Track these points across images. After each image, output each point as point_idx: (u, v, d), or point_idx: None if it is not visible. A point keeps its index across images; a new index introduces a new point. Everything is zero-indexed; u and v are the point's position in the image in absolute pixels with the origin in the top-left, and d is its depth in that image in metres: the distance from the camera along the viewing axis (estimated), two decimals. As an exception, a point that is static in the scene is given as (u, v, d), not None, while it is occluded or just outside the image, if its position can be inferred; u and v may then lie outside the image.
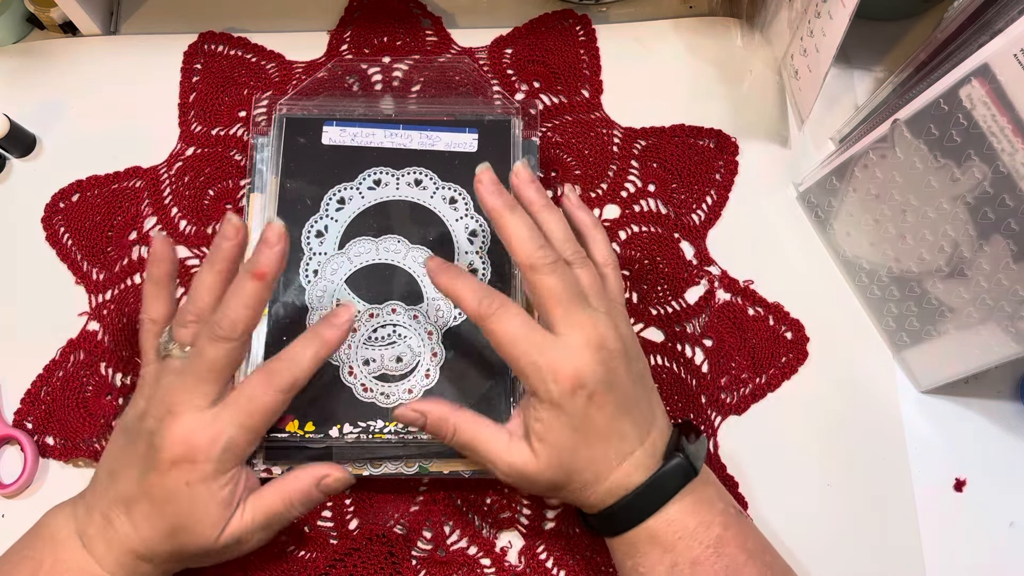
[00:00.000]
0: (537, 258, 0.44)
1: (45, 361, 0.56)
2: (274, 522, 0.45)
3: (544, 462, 0.43)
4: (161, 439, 0.42)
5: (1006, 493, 0.54)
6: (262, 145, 0.58)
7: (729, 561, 0.43)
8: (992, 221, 0.46)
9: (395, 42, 0.65)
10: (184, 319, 0.45)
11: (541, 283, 0.44)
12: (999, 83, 0.42)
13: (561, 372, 0.42)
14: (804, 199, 0.60)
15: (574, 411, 0.43)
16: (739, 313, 0.57)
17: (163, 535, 0.43)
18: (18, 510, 0.53)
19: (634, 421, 0.44)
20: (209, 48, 0.64)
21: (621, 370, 0.44)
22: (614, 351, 0.44)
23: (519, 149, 0.57)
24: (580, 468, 0.44)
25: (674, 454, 0.44)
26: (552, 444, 0.43)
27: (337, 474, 0.45)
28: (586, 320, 0.44)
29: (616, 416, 0.44)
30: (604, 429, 0.43)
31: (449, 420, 0.45)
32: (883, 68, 0.65)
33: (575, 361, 0.43)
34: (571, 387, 0.42)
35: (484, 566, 0.52)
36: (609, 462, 0.44)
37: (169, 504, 0.42)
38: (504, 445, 0.44)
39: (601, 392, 0.43)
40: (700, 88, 0.64)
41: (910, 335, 0.55)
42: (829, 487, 0.54)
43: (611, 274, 0.49)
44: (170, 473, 0.42)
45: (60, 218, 0.59)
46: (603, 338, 0.44)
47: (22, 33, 0.66)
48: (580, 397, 0.43)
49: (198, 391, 0.43)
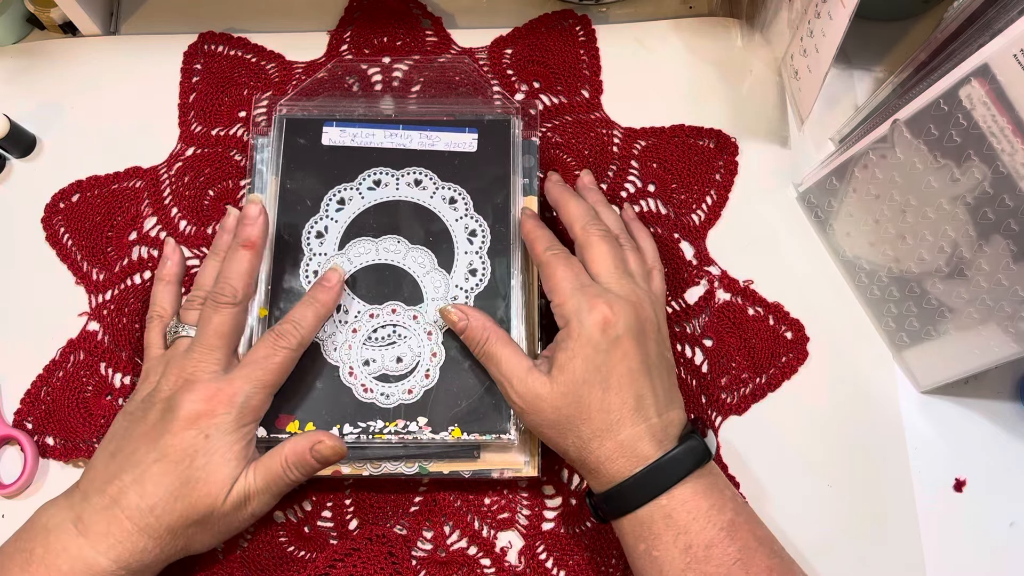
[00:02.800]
0: (590, 223, 0.50)
1: (45, 361, 0.56)
2: (273, 484, 0.46)
3: (560, 389, 0.45)
4: (180, 400, 0.45)
5: (1006, 493, 0.54)
6: (262, 145, 0.58)
7: (742, 544, 0.43)
8: (992, 221, 0.46)
9: (395, 42, 0.65)
10: (192, 303, 0.51)
11: (593, 243, 0.49)
12: (999, 83, 0.42)
13: (597, 308, 0.46)
14: (804, 199, 0.60)
15: (599, 348, 0.45)
16: (739, 313, 0.57)
17: (173, 496, 0.43)
18: (18, 510, 0.53)
19: (654, 389, 0.46)
20: (209, 48, 0.64)
21: (652, 335, 0.47)
22: (648, 318, 0.48)
23: (519, 149, 0.57)
24: (592, 410, 0.45)
25: (690, 435, 0.46)
26: (571, 373, 0.45)
27: (329, 441, 0.46)
28: (629, 283, 0.48)
29: (638, 372, 0.45)
30: (624, 379, 0.45)
31: (486, 330, 0.49)
32: (883, 68, 0.65)
33: (612, 304, 0.46)
34: (602, 321, 0.45)
35: (484, 566, 0.52)
36: (623, 417, 0.44)
37: (183, 460, 0.44)
38: (525, 368, 0.47)
39: (629, 339, 0.45)
40: (700, 88, 0.64)
41: (910, 335, 0.55)
42: (829, 487, 0.54)
43: (657, 275, 0.53)
44: (188, 431, 0.44)
45: (60, 218, 0.59)
46: (641, 302, 0.48)
47: (22, 33, 0.66)
48: (609, 335, 0.45)
49: (210, 358, 0.47)
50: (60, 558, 0.42)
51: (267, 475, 0.46)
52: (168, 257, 0.55)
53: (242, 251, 0.49)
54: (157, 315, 0.52)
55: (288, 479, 0.46)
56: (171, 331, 0.50)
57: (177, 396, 0.45)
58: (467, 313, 0.50)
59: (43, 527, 0.44)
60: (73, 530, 0.43)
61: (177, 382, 0.46)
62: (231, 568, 0.51)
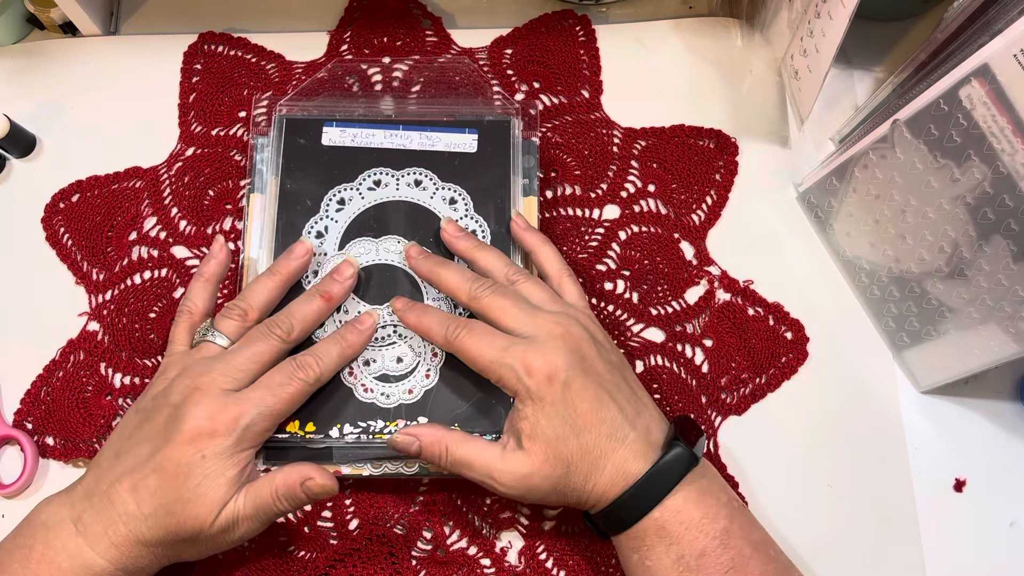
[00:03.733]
0: (474, 288, 0.48)
1: (45, 361, 0.56)
2: (262, 513, 0.45)
3: (539, 458, 0.44)
4: (186, 411, 0.44)
5: (1006, 493, 0.54)
6: (262, 145, 0.58)
7: (735, 553, 0.43)
8: (992, 221, 0.46)
9: (395, 42, 0.65)
10: (231, 312, 0.49)
11: (488, 305, 0.47)
12: (999, 83, 0.42)
13: (532, 364, 0.44)
14: (804, 199, 0.60)
15: (555, 400, 0.44)
16: (739, 313, 0.57)
17: (165, 510, 0.43)
18: (18, 510, 0.53)
19: (619, 405, 0.45)
20: (209, 48, 0.64)
21: (592, 355, 0.46)
22: (580, 338, 0.46)
23: (519, 149, 0.57)
24: (576, 458, 0.44)
25: (673, 443, 0.45)
26: (541, 437, 0.44)
27: (321, 480, 0.45)
28: (545, 318, 0.47)
29: (598, 401, 0.45)
30: (589, 415, 0.44)
31: (441, 441, 0.46)
32: (883, 68, 0.65)
33: (544, 352, 0.45)
34: (545, 376, 0.44)
35: (484, 566, 0.52)
36: (603, 448, 0.44)
37: (179, 476, 0.43)
38: (499, 457, 0.45)
39: (577, 378, 0.44)
40: (700, 88, 0.64)
41: (910, 335, 0.55)
42: (829, 487, 0.54)
43: (567, 283, 0.51)
44: (187, 446, 0.44)
45: (60, 218, 0.59)
46: (566, 329, 0.46)
47: (22, 33, 0.66)
48: (556, 385, 0.44)
49: (229, 375, 0.46)
50: (60, 556, 0.43)
51: (257, 503, 0.45)
52: (214, 256, 0.53)
53: (319, 300, 0.50)
54: (188, 311, 0.51)
55: (277, 509, 0.45)
56: (201, 332, 0.49)
57: (184, 405, 0.45)
58: (415, 433, 0.47)
59: (43, 524, 0.44)
60: (73, 529, 0.43)
61: (188, 389, 0.45)
62: (231, 568, 0.51)
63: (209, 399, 0.45)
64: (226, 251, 0.53)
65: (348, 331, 0.50)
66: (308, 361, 0.47)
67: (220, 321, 0.49)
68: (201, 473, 0.43)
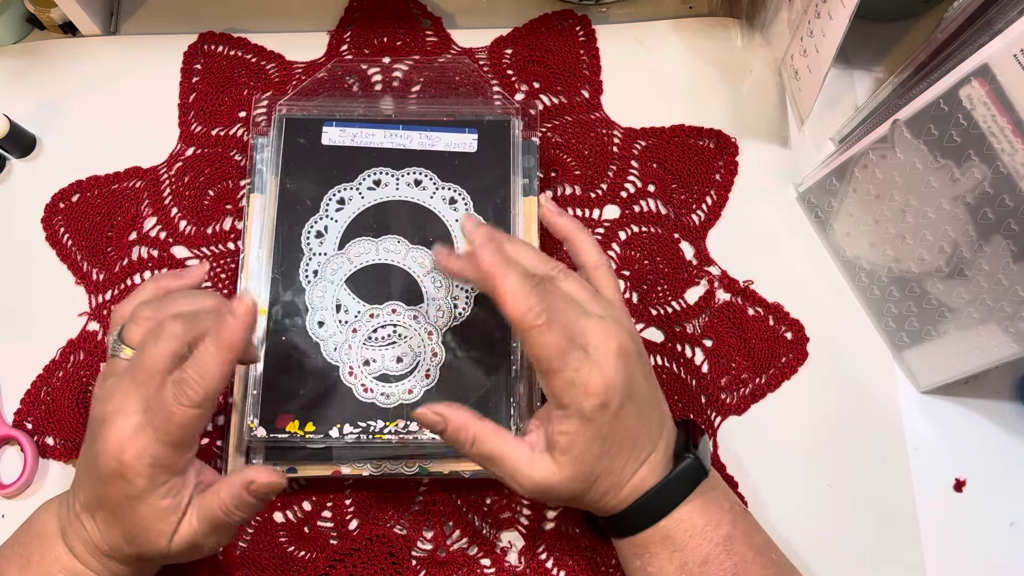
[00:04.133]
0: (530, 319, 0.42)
1: (45, 361, 0.56)
2: (219, 527, 0.43)
3: (567, 474, 0.43)
4: (100, 451, 0.41)
5: (1006, 493, 0.54)
6: (262, 145, 0.58)
7: (738, 559, 0.43)
8: (992, 221, 0.46)
9: (395, 42, 0.65)
10: (137, 320, 0.44)
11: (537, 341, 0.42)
12: (999, 83, 0.42)
13: (591, 386, 0.42)
14: (804, 199, 0.60)
15: (601, 423, 0.42)
16: (739, 313, 0.57)
17: (122, 541, 0.43)
18: (18, 510, 0.53)
19: (649, 425, 0.44)
20: (209, 48, 0.64)
21: (639, 374, 0.44)
22: (632, 354, 0.44)
23: (519, 149, 0.57)
24: (601, 477, 0.43)
25: (684, 455, 0.45)
26: (576, 456, 0.43)
27: (263, 478, 0.42)
28: (596, 326, 0.43)
29: (636, 424, 0.44)
30: (626, 438, 0.43)
31: (469, 429, 0.44)
32: (883, 68, 0.65)
33: (604, 374, 0.42)
34: (602, 402, 0.42)
35: (484, 566, 0.52)
36: (628, 468, 0.44)
37: (118, 513, 0.42)
38: (526, 459, 0.43)
39: (625, 403, 0.43)
40: (700, 88, 0.64)
41: (910, 335, 0.55)
42: (829, 487, 0.54)
43: (604, 276, 0.48)
44: (112, 486, 0.41)
45: (60, 218, 0.59)
46: (621, 343, 0.43)
47: (22, 33, 0.66)
48: (609, 412, 0.42)
49: (132, 395, 0.42)
50: (54, 567, 0.43)
51: (210, 520, 0.42)
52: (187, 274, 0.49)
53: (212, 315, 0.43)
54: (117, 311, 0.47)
55: (232, 520, 0.43)
56: (113, 345, 0.45)
57: (99, 441, 0.41)
58: (444, 414, 0.44)
59: (39, 534, 0.44)
60: (62, 542, 0.44)
61: (100, 418, 0.42)
62: (231, 568, 0.51)
63: (113, 432, 0.41)
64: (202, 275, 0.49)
65: (224, 327, 0.41)
66: (188, 381, 0.41)
67: (128, 332, 0.44)
68: (135, 513, 0.42)
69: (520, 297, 0.42)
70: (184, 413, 0.41)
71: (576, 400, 0.42)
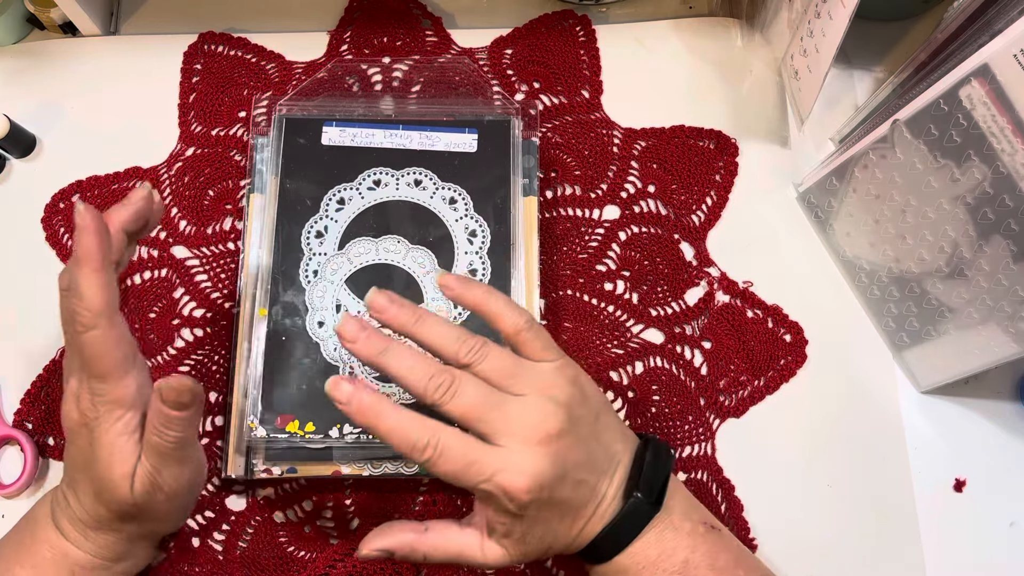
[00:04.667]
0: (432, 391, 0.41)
1: (45, 361, 0.56)
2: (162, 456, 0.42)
3: (519, 552, 0.43)
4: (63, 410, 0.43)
5: (1006, 493, 0.54)
6: (262, 145, 0.58)
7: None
8: (992, 221, 0.46)
9: (395, 42, 0.65)
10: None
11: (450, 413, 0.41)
12: (999, 83, 0.42)
13: (513, 490, 0.40)
14: (804, 199, 0.60)
15: (535, 512, 0.41)
16: (738, 315, 0.57)
17: (95, 500, 0.43)
18: (18, 510, 0.53)
19: (599, 473, 0.43)
20: (209, 48, 0.64)
21: (570, 441, 0.42)
22: (559, 421, 0.41)
23: (519, 149, 0.57)
24: (554, 541, 0.43)
25: (631, 494, 0.43)
26: (519, 540, 0.43)
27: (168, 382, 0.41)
28: (515, 416, 0.41)
29: (576, 488, 0.42)
30: (567, 510, 0.42)
31: (418, 549, 0.43)
32: (883, 68, 0.65)
33: (525, 472, 0.40)
34: (528, 500, 0.40)
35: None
36: (576, 527, 0.43)
37: (86, 468, 0.43)
38: (478, 549, 0.43)
39: (556, 484, 0.41)
40: (700, 89, 0.64)
41: (910, 335, 0.55)
42: (829, 488, 0.54)
43: (529, 336, 0.44)
44: (77, 440, 0.43)
45: (60, 218, 0.59)
46: (542, 424, 0.41)
47: (22, 33, 0.66)
48: (540, 500, 0.41)
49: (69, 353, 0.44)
50: (43, 547, 0.44)
51: (151, 451, 0.42)
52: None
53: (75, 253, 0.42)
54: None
55: (167, 443, 0.42)
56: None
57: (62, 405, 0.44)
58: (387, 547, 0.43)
59: (33, 517, 0.46)
60: (51, 523, 0.45)
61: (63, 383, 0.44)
62: (231, 568, 0.51)
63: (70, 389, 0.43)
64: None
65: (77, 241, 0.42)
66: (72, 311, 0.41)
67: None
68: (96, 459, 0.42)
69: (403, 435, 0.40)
70: (86, 339, 0.41)
71: (502, 506, 0.41)
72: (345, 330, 0.42)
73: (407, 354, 0.42)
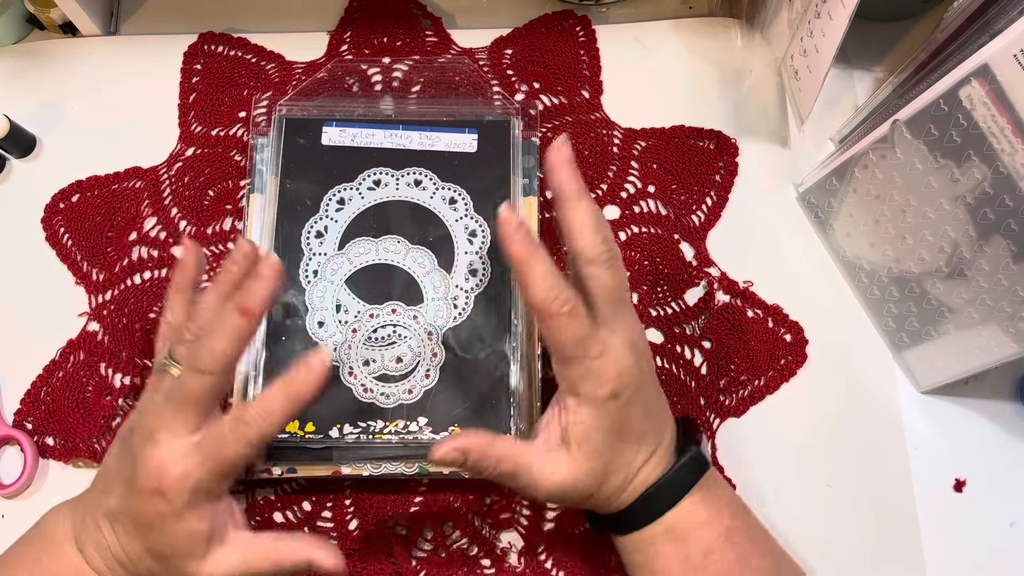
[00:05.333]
0: (602, 251, 0.43)
1: (45, 361, 0.56)
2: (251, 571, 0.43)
3: (584, 468, 0.43)
4: (140, 464, 0.41)
5: (1006, 493, 0.54)
6: (262, 146, 0.58)
7: (740, 551, 0.43)
8: (992, 221, 0.46)
9: (395, 42, 0.65)
10: (183, 336, 0.43)
11: (598, 277, 0.43)
12: (999, 83, 0.42)
13: (606, 374, 0.42)
14: (804, 199, 0.60)
15: (614, 413, 0.43)
16: (738, 315, 0.57)
17: (144, 554, 0.42)
18: (18, 510, 0.53)
19: (655, 420, 0.45)
20: (209, 48, 0.64)
21: (647, 368, 0.45)
22: (642, 349, 0.45)
23: (519, 150, 0.57)
24: (614, 472, 0.44)
25: (687, 448, 0.45)
26: (591, 447, 0.43)
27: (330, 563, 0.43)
28: (625, 319, 0.44)
29: (643, 417, 0.44)
30: (635, 430, 0.44)
31: (490, 453, 0.43)
32: (883, 68, 0.65)
33: (619, 363, 0.43)
34: (614, 389, 0.43)
35: (484, 566, 0.52)
36: (637, 461, 0.44)
37: (146, 530, 0.42)
38: (543, 462, 0.43)
39: (635, 394, 0.43)
40: (700, 89, 0.64)
41: (910, 335, 0.55)
42: (829, 488, 0.54)
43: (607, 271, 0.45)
44: (147, 501, 0.41)
45: (60, 218, 0.59)
46: (635, 336, 0.44)
47: (22, 33, 0.66)
48: (620, 401, 0.43)
49: (179, 419, 0.41)
50: (64, 569, 0.43)
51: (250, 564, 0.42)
52: (185, 263, 0.49)
53: (236, 317, 0.41)
54: (166, 322, 0.48)
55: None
56: (161, 362, 0.44)
57: (141, 456, 0.41)
58: (464, 447, 0.43)
59: (50, 537, 0.44)
60: (74, 547, 0.43)
61: (145, 433, 0.42)
62: (231, 568, 0.51)
63: (158, 450, 0.41)
64: (195, 256, 0.49)
65: (295, 379, 0.42)
66: (250, 420, 0.41)
67: (176, 348, 0.43)
68: (162, 531, 0.41)
69: (544, 285, 0.42)
70: (238, 451, 0.41)
71: (590, 389, 0.43)
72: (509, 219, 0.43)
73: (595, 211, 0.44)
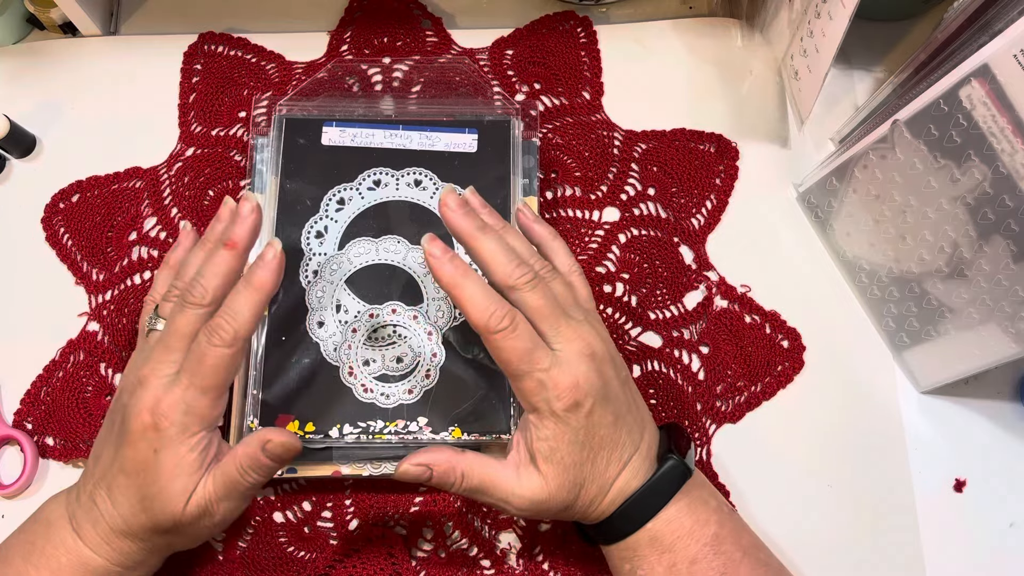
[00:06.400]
0: (517, 277, 0.44)
1: (45, 361, 0.56)
2: (233, 491, 0.43)
3: (555, 483, 0.43)
4: (131, 409, 0.43)
5: (1006, 493, 0.54)
6: (262, 146, 0.58)
7: (726, 559, 0.43)
8: (992, 221, 0.46)
9: (395, 43, 0.65)
10: (170, 295, 0.47)
11: (524, 301, 0.44)
12: (999, 83, 0.42)
13: (561, 386, 0.42)
14: (804, 200, 0.60)
15: (577, 425, 0.43)
16: (736, 320, 0.57)
17: (137, 507, 0.43)
18: (18, 510, 0.53)
19: (629, 427, 0.45)
20: (209, 49, 0.65)
21: (612, 376, 0.45)
22: (603, 357, 0.44)
23: (519, 150, 0.57)
24: (587, 483, 0.44)
25: (668, 456, 0.45)
26: (559, 462, 0.43)
27: (279, 438, 0.43)
28: (573, 331, 0.44)
29: (614, 425, 0.44)
30: (605, 440, 0.44)
31: (456, 468, 0.44)
32: (883, 68, 0.65)
33: (573, 373, 0.43)
34: (573, 401, 0.43)
35: (484, 567, 0.52)
36: (611, 471, 0.44)
37: (140, 474, 0.42)
38: (514, 479, 0.44)
39: (598, 404, 0.43)
40: (700, 89, 0.64)
41: (910, 336, 0.55)
42: (830, 488, 0.54)
43: (577, 281, 0.49)
44: (140, 443, 0.42)
45: (60, 218, 0.59)
46: (592, 346, 0.44)
47: (22, 33, 0.66)
48: (582, 412, 0.43)
49: (166, 359, 0.43)
50: (59, 551, 0.43)
51: (225, 482, 0.43)
52: (180, 243, 0.53)
53: (223, 251, 0.45)
54: (151, 299, 0.50)
55: (247, 483, 0.43)
56: (148, 321, 0.47)
57: (129, 403, 0.43)
58: (427, 462, 0.44)
59: (45, 521, 0.45)
60: (69, 527, 0.44)
61: (133, 384, 0.44)
62: (231, 568, 0.51)
63: (147, 391, 0.43)
64: (192, 237, 0.53)
65: (253, 272, 0.44)
66: (219, 323, 0.43)
67: (163, 306, 0.47)
68: (157, 467, 0.42)
69: (480, 305, 0.43)
70: (216, 353, 0.42)
71: (546, 403, 0.43)
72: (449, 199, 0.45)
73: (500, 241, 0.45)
